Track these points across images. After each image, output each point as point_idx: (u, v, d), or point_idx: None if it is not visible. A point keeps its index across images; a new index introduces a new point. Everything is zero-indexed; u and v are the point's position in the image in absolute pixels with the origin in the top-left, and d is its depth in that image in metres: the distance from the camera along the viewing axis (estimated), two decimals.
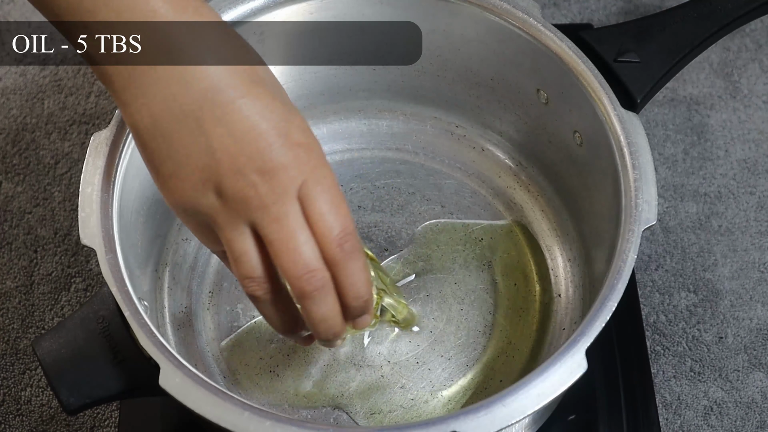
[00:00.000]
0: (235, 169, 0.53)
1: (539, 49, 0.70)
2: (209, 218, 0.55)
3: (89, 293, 0.83)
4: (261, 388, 0.72)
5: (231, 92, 0.53)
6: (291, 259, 0.54)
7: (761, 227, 0.86)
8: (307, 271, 0.54)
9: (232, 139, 0.53)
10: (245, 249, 0.55)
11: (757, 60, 0.94)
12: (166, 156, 0.54)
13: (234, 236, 0.54)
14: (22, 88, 0.93)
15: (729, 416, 0.78)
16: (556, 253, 0.77)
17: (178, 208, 0.56)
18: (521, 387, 0.56)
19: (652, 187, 0.64)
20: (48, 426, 0.78)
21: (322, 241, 0.54)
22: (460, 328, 0.74)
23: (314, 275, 0.54)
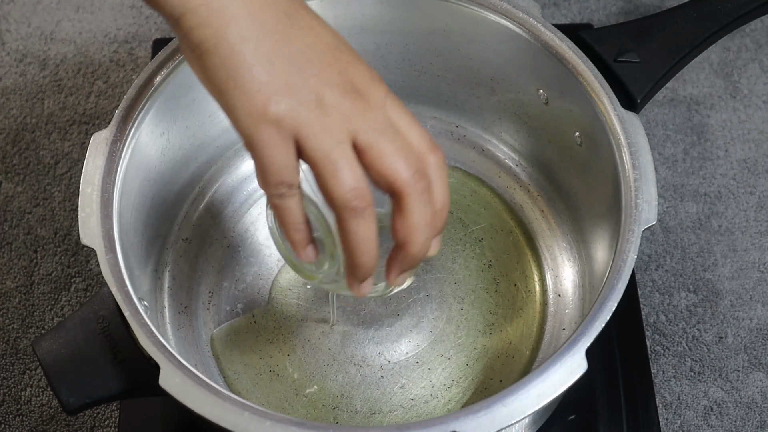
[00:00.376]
0: (336, 77, 0.54)
1: (539, 49, 0.70)
2: (303, 127, 0.53)
3: (89, 293, 0.83)
4: (261, 388, 0.72)
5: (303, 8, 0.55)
6: (398, 163, 0.54)
7: (761, 227, 0.86)
8: (415, 171, 0.54)
9: (324, 49, 0.54)
10: (349, 158, 0.53)
11: (757, 60, 0.94)
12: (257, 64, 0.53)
13: (333, 144, 0.53)
14: (22, 88, 0.93)
15: (729, 416, 0.78)
16: (556, 253, 0.77)
17: (265, 118, 0.53)
18: (521, 387, 0.56)
19: (652, 187, 0.64)
20: (48, 426, 0.78)
21: (419, 150, 0.55)
22: (460, 328, 0.74)
23: (420, 177, 0.54)
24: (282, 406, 0.71)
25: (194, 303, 0.75)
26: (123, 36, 0.96)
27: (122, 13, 0.98)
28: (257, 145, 0.53)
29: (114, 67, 0.94)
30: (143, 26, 0.97)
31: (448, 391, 0.71)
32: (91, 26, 0.97)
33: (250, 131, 0.53)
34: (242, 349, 0.73)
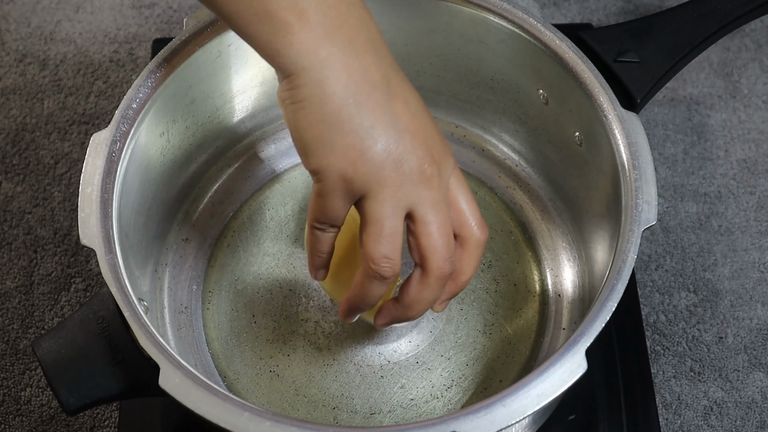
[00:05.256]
0: (418, 146, 0.56)
1: (539, 49, 0.70)
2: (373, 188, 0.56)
3: (89, 293, 0.83)
4: (261, 388, 0.72)
5: (399, 76, 0.58)
6: (439, 241, 0.58)
7: (761, 227, 0.86)
8: (448, 257, 0.59)
9: (412, 117, 0.57)
10: (397, 229, 0.57)
11: (757, 60, 0.94)
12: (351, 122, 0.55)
13: (390, 212, 0.56)
14: (22, 88, 0.93)
15: (729, 416, 0.78)
16: (556, 253, 0.77)
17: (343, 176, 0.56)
18: (521, 387, 0.56)
19: (652, 187, 0.64)
20: (48, 426, 0.78)
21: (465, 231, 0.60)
22: (459, 328, 0.74)
23: (450, 263, 0.59)
24: (282, 406, 0.71)
25: (194, 303, 0.75)
26: (123, 36, 0.96)
27: (122, 13, 0.98)
28: (324, 192, 0.57)
29: (114, 67, 0.94)
30: (143, 26, 0.97)
31: (448, 391, 0.71)
32: (91, 26, 0.97)
33: (324, 181, 0.56)
34: (242, 349, 0.73)
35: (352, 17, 0.56)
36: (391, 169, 0.56)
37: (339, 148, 0.55)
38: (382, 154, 0.55)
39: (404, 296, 0.60)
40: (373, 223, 0.57)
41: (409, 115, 0.57)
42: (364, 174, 0.55)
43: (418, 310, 0.61)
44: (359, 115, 0.55)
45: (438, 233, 0.58)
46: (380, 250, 0.57)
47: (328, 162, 0.55)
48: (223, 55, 0.71)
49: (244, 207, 0.79)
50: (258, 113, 0.78)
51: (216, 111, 0.75)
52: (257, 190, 0.80)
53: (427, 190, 0.57)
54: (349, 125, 0.55)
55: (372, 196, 0.56)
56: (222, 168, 0.79)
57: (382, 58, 0.57)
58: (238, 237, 0.78)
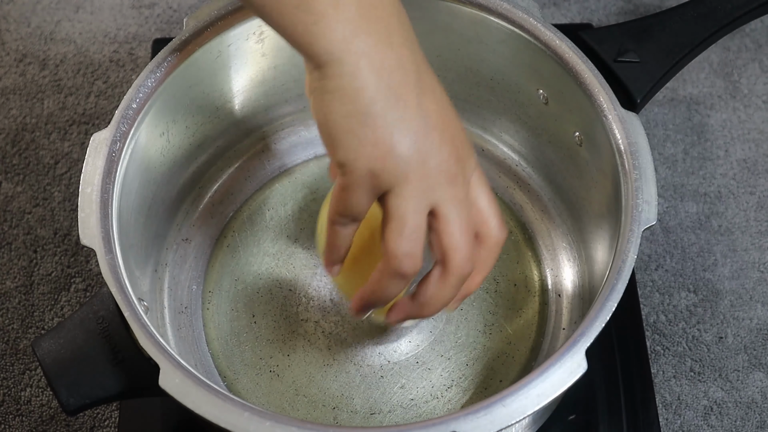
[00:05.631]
0: (444, 143, 0.56)
1: (539, 49, 0.70)
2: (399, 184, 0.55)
3: (89, 293, 0.83)
4: (261, 388, 0.72)
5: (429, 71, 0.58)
6: (462, 240, 0.57)
7: (761, 227, 0.86)
8: (469, 255, 0.58)
9: (441, 114, 0.57)
10: (420, 224, 0.56)
11: (757, 60, 0.94)
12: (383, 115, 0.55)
13: (414, 209, 0.56)
14: (22, 88, 0.93)
15: (729, 416, 0.78)
16: (556, 253, 0.77)
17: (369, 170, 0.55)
18: (521, 387, 0.56)
19: (652, 187, 0.64)
20: (48, 426, 0.78)
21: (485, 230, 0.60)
22: (459, 328, 0.74)
23: (468, 264, 0.58)
24: (282, 406, 0.71)
25: (194, 303, 0.75)
26: (123, 36, 0.96)
27: (122, 13, 0.98)
28: (349, 186, 0.56)
29: (114, 67, 0.94)
30: (143, 26, 0.97)
31: (448, 391, 0.71)
32: (91, 26, 0.97)
33: (351, 174, 0.55)
34: (242, 349, 0.73)
35: (386, 9, 0.55)
36: (418, 166, 0.55)
37: (369, 142, 0.54)
38: (410, 150, 0.55)
39: (422, 293, 0.60)
40: (396, 219, 0.56)
41: (439, 111, 0.57)
42: (392, 169, 0.55)
43: (434, 308, 0.60)
44: (391, 109, 0.54)
45: (460, 231, 0.57)
46: (402, 247, 0.56)
47: (357, 155, 0.55)
48: (223, 55, 0.71)
49: (244, 207, 0.79)
50: (258, 113, 0.78)
51: (216, 111, 0.75)
52: (257, 190, 0.80)
53: (451, 187, 0.57)
54: (380, 119, 0.54)
55: (397, 191, 0.56)
56: (222, 168, 0.79)
57: (415, 52, 0.56)
58: (238, 237, 0.78)
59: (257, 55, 0.73)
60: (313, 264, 0.76)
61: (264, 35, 0.72)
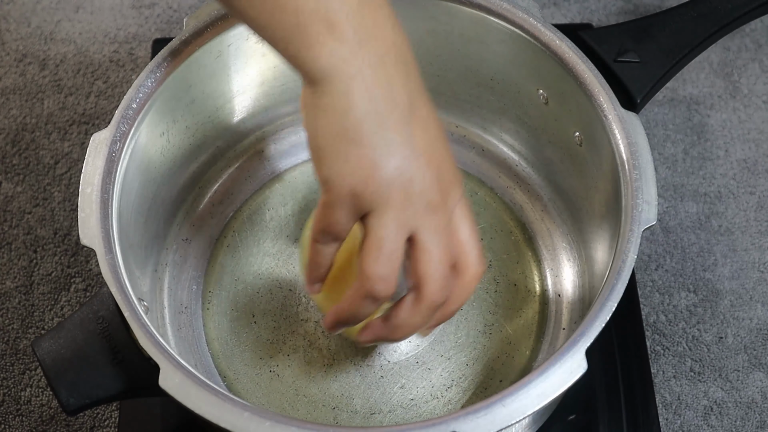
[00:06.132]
0: (429, 171, 0.56)
1: (539, 49, 0.70)
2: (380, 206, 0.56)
3: (89, 293, 0.83)
4: (261, 388, 0.72)
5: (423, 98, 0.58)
6: (437, 270, 0.58)
7: (761, 227, 0.86)
8: (444, 286, 0.58)
9: (428, 142, 0.57)
10: (397, 249, 0.57)
11: (757, 60, 0.94)
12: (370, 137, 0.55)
13: (394, 232, 0.56)
14: (22, 88, 0.93)
15: (729, 416, 0.78)
16: (556, 253, 0.77)
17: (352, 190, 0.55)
18: (521, 387, 0.56)
19: (652, 187, 0.64)
20: (48, 426, 0.78)
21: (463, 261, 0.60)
22: (459, 328, 0.74)
23: (444, 292, 0.59)
24: (282, 406, 0.71)
25: (194, 303, 0.75)
26: (123, 36, 0.96)
27: (122, 13, 0.98)
28: (331, 204, 0.56)
29: (114, 67, 0.94)
30: (143, 26, 0.97)
31: (448, 391, 0.71)
32: (91, 26, 0.97)
33: (333, 192, 0.56)
34: (242, 349, 0.73)
35: (383, 34, 0.56)
36: (400, 190, 0.56)
37: (353, 161, 0.55)
38: (394, 174, 0.55)
39: (394, 318, 0.60)
40: (374, 241, 0.56)
41: (427, 139, 0.57)
42: (374, 191, 0.55)
43: (404, 333, 0.61)
44: (378, 132, 0.55)
45: (437, 261, 0.57)
46: (377, 270, 0.56)
47: (340, 173, 0.55)
48: (223, 55, 0.71)
49: (244, 207, 0.79)
50: (258, 113, 0.78)
51: (216, 111, 0.75)
52: (257, 190, 0.80)
53: (432, 216, 0.57)
54: (367, 140, 0.55)
55: (377, 213, 0.56)
56: (222, 168, 0.79)
57: (409, 79, 0.57)
58: (238, 237, 0.78)
59: (257, 55, 0.73)
60: None
61: None
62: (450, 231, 0.59)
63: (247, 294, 0.75)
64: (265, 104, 0.78)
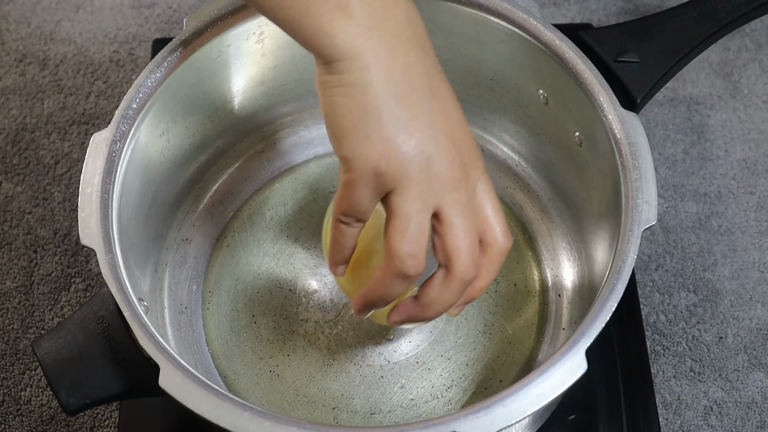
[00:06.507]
0: (450, 147, 0.56)
1: (539, 49, 0.70)
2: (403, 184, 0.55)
3: (89, 293, 0.83)
4: (261, 388, 0.72)
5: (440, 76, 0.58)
6: (466, 244, 0.57)
7: (761, 227, 0.86)
8: (474, 260, 0.58)
9: (448, 118, 0.57)
10: (423, 225, 0.56)
11: (757, 60, 0.94)
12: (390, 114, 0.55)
13: (418, 210, 0.56)
14: (22, 88, 0.93)
15: (729, 416, 0.78)
16: (556, 253, 0.77)
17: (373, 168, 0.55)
18: (521, 387, 0.56)
19: (652, 187, 0.64)
20: (48, 426, 0.78)
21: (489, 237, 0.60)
22: (459, 328, 0.74)
23: (472, 269, 0.58)
24: (282, 406, 0.71)
25: (194, 303, 0.75)
26: (123, 36, 0.96)
27: (122, 13, 0.98)
28: (353, 183, 0.56)
29: (114, 67, 0.94)
30: (143, 26, 0.97)
31: (448, 391, 0.71)
32: (91, 26, 0.97)
33: (355, 171, 0.55)
34: (242, 349, 0.73)
35: (397, 13, 0.55)
36: (422, 167, 0.55)
37: (374, 139, 0.54)
38: (415, 150, 0.55)
39: (424, 296, 0.60)
40: (400, 219, 0.56)
41: (446, 116, 0.57)
42: (396, 168, 0.55)
43: (435, 311, 0.60)
44: (398, 109, 0.55)
45: (464, 236, 0.57)
46: (406, 247, 0.56)
47: (362, 152, 0.55)
48: (223, 55, 0.71)
49: (244, 207, 0.79)
50: (258, 113, 0.78)
51: (216, 111, 0.75)
52: (257, 190, 0.80)
53: (455, 192, 0.57)
54: (387, 117, 0.54)
55: (400, 191, 0.56)
56: (222, 168, 0.79)
57: (426, 56, 0.57)
58: (238, 237, 0.78)
59: (257, 55, 0.73)
60: (313, 264, 0.76)
61: (264, 35, 0.72)
62: (474, 207, 0.58)
63: (247, 294, 0.75)
64: (265, 104, 0.78)
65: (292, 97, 0.79)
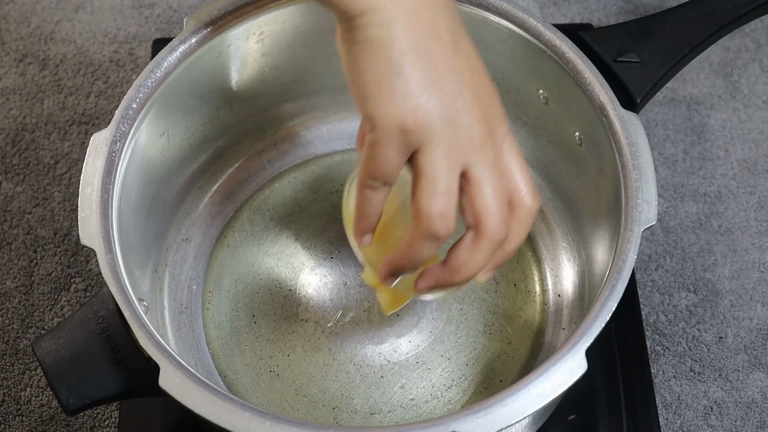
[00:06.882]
0: (476, 105, 0.55)
1: (539, 49, 0.70)
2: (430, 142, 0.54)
3: (89, 293, 0.83)
4: (261, 388, 0.72)
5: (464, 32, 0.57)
6: (495, 204, 0.56)
7: (761, 227, 0.86)
8: (504, 220, 0.57)
9: (473, 75, 0.56)
10: (452, 183, 0.55)
11: (757, 60, 0.94)
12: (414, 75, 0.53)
13: (446, 168, 0.55)
14: (22, 88, 0.93)
15: (729, 416, 0.78)
16: (556, 253, 0.77)
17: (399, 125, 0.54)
18: (521, 387, 0.56)
19: (652, 187, 0.64)
20: (48, 426, 0.78)
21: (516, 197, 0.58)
22: (460, 328, 0.74)
23: (502, 230, 0.57)
24: (282, 406, 0.71)
25: (194, 303, 0.75)
26: (123, 36, 0.96)
27: (122, 13, 0.98)
28: (379, 142, 0.54)
29: (114, 67, 0.94)
30: (143, 26, 0.97)
31: (448, 391, 0.71)
32: (91, 26, 0.97)
33: (380, 129, 0.54)
34: (242, 349, 0.73)
35: None
36: (448, 125, 0.54)
37: (399, 95, 0.53)
38: (441, 107, 0.54)
39: (454, 259, 0.58)
40: (428, 179, 0.55)
41: (471, 72, 0.56)
42: (422, 125, 0.54)
43: (465, 275, 0.58)
44: (423, 64, 0.53)
45: (493, 195, 0.56)
46: (436, 207, 0.54)
47: (387, 109, 0.53)
48: (223, 55, 0.71)
49: (244, 207, 0.79)
50: (258, 113, 0.78)
51: (216, 111, 0.75)
52: (257, 190, 0.80)
53: (482, 151, 0.55)
54: (412, 72, 0.53)
55: (428, 149, 0.54)
56: (222, 168, 0.79)
57: (451, 12, 0.56)
58: (238, 237, 0.78)
59: (257, 55, 0.73)
60: (313, 264, 0.76)
61: (264, 35, 0.72)
62: (501, 166, 0.57)
63: (247, 294, 0.75)
64: (265, 104, 0.78)
65: (292, 97, 0.79)
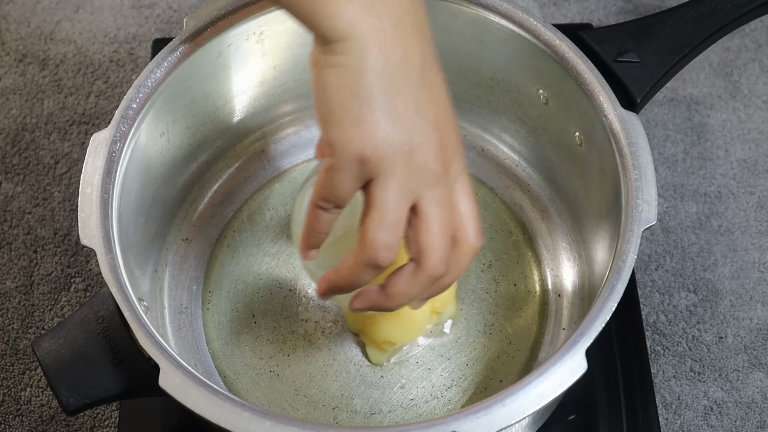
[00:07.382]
0: (434, 140, 0.56)
1: (539, 49, 0.70)
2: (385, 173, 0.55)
3: (89, 293, 0.83)
4: (261, 388, 0.72)
5: (436, 66, 0.57)
6: (439, 241, 0.57)
7: (761, 227, 0.86)
8: (445, 257, 0.57)
9: (437, 110, 0.56)
10: (401, 217, 0.56)
11: (757, 60, 0.94)
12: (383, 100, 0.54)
13: (398, 200, 0.55)
14: (22, 88, 0.93)
15: (729, 416, 0.78)
16: (556, 253, 0.77)
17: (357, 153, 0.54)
18: (521, 387, 0.56)
19: (652, 187, 0.64)
20: (48, 426, 0.78)
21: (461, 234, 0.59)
22: (459, 328, 0.74)
23: (445, 264, 0.58)
24: (282, 406, 0.71)
25: (194, 303, 0.75)
26: (123, 36, 0.96)
27: (122, 13, 0.98)
28: (336, 168, 0.55)
29: (114, 67, 0.94)
30: (143, 26, 0.97)
31: (448, 391, 0.71)
32: (91, 26, 0.97)
33: (340, 155, 0.55)
34: (242, 349, 0.73)
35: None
36: (405, 158, 0.55)
37: (363, 125, 0.54)
38: (401, 141, 0.54)
39: (392, 286, 0.59)
40: (378, 209, 0.55)
41: (435, 107, 0.56)
42: (381, 158, 0.54)
43: (399, 302, 0.60)
44: (390, 96, 0.54)
45: (439, 232, 0.57)
46: (382, 237, 0.55)
47: (349, 137, 0.54)
48: (223, 55, 0.71)
49: (244, 207, 0.79)
50: (258, 113, 0.78)
51: (216, 111, 0.75)
52: (257, 190, 0.80)
53: (434, 187, 0.56)
54: (378, 103, 0.54)
55: (382, 181, 0.55)
56: (222, 168, 0.79)
57: (424, 43, 0.56)
58: (238, 237, 0.78)
59: (257, 55, 0.73)
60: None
61: (264, 35, 0.72)
62: (451, 203, 0.58)
63: (247, 294, 0.75)
64: (265, 104, 0.78)
65: (292, 97, 0.79)
